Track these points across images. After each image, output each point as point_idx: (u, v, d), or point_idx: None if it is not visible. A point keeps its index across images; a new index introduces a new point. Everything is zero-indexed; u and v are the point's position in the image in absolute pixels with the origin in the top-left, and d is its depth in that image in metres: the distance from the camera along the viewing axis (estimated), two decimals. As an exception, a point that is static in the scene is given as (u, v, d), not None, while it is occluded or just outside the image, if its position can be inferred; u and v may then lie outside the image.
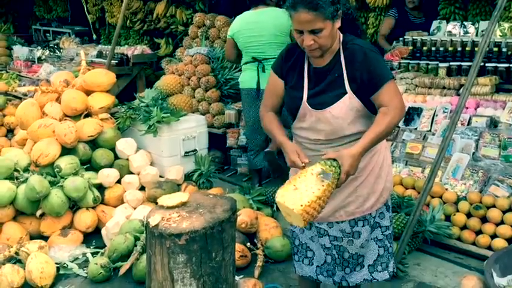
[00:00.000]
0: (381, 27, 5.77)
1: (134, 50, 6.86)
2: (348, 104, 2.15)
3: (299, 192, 1.93)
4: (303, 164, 2.08)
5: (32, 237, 3.65)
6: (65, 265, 3.39)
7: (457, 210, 3.51)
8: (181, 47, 6.45)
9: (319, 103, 2.19)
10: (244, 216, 3.52)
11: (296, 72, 2.27)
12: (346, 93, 2.15)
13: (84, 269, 3.36)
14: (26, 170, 3.86)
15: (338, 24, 2.14)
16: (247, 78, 4.29)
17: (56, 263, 3.33)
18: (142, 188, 4.06)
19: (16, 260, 3.37)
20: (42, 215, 3.71)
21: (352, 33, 2.26)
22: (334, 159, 2.00)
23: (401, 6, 5.63)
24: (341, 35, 2.23)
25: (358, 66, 2.14)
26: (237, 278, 3.01)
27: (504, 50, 4.25)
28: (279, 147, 2.27)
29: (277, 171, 4.08)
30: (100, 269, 3.20)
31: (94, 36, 8.86)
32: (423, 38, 4.81)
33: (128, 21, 8.43)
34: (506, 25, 4.57)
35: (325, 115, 2.17)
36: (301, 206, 1.89)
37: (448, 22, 5.01)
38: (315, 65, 2.24)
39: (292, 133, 2.39)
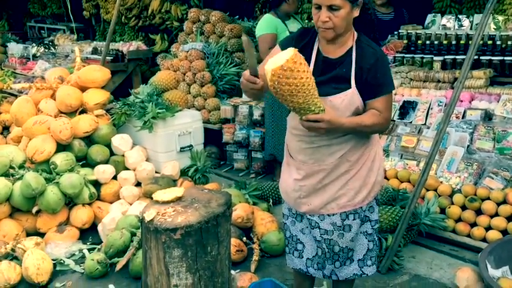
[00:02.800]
0: None
1: (129, 46, 6.85)
2: (350, 98, 2.17)
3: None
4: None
5: (28, 234, 3.65)
6: (62, 261, 3.40)
7: (452, 203, 3.53)
8: (177, 43, 6.44)
9: (321, 92, 2.19)
10: (240, 211, 3.53)
11: (304, 57, 2.26)
12: (351, 87, 2.18)
13: (81, 265, 3.37)
14: (21, 167, 3.86)
15: (356, 13, 2.17)
16: None
17: (53, 260, 3.34)
18: (138, 184, 4.07)
19: (12, 256, 3.37)
20: (38, 211, 3.71)
21: (366, 33, 2.27)
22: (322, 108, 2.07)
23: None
24: (355, 33, 2.23)
25: (367, 68, 2.16)
26: (233, 272, 3.02)
27: (498, 42, 4.26)
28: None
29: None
30: (97, 264, 3.20)
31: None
32: (418, 31, 4.82)
33: (123, 18, 8.41)
34: (500, 18, 4.57)
35: (325, 102, 2.17)
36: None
37: (442, 16, 5.01)
38: (325, 54, 2.23)
39: (287, 126, 2.39)
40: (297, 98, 1.97)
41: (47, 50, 7.97)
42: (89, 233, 3.76)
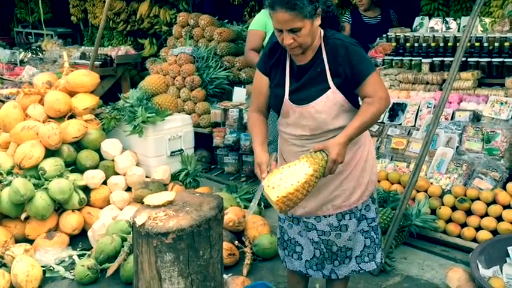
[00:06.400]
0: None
1: (118, 50, 6.82)
2: (332, 98, 2.17)
3: (283, 182, 1.98)
4: (262, 177, 2.11)
5: (17, 241, 3.60)
6: (51, 268, 3.36)
7: (442, 204, 3.55)
8: (166, 47, 6.43)
9: (302, 99, 2.20)
10: (232, 215, 3.52)
11: (279, 70, 2.29)
12: (330, 88, 2.17)
13: (71, 271, 3.33)
14: (9, 173, 3.81)
15: (318, 22, 2.15)
16: None
17: (42, 266, 3.30)
18: (128, 189, 4.04)
19: (1, 264, 3.33)
20: (27, 218, 3.66)
21: (333, 29, 2.28)
22: (322, 150, 2.05)
23: (355, 9, 5.53)
24: (322, 31, 2.24)
25: (340, 60, 2.16)
26: (225, 276, 3.01)
27: (485, 44, 4.30)
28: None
29: None
30: (87, 270, 3.17)
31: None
32: (406, 34, 4.85)
33: (111, 22, 8.38)
34: (487, 20, 4.63)
35: (309, 110, 2.19)
36: (277, 197, 1.95)
37: (430, 18, 5.06)
38: (298, 62, 2.25)
39: (278, 130, 2.40)
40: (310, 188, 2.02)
41: (34, 55, 7.90)
42: (79, 239, 3.72)
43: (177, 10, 7.49)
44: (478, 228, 3.36)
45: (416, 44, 4.72)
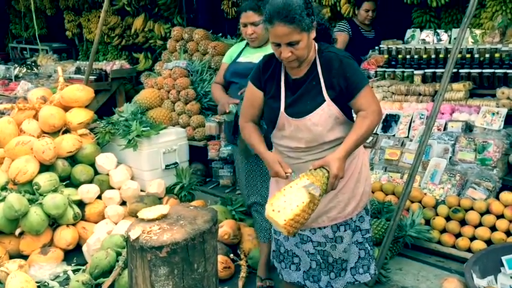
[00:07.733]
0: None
1: (113, 65, 6.84)
2: (327, 111, 2.20)
3: (287, 204, 1.95)
4: (287, 174, 2.11)
5: (11, 257, 3.59)
6: (46, 284, 3.34)
7: (436, 214, 3.56)
8: (160, 61, 6.45)
9: (298, 112, 2.23)
10: (227, 228, 3.52)
11: (274, 83, 2.32)
12: (325, 100, 2.20)
13: (66, 287, 3.31)
14: (4, 188, 3.80)
15: (313, 34, 2.20)
16: None
17: (37, 282, 3.28)
18: (123, 203, 4.04)
19: (-5, 280, 3.31)
20: (22, 233, 3.65)
21: (325, 42, 2.32)
22: (321, 167, 2.05)
23: (351, 20, 5.42)
24: (316, 44, 2.28)
25: (334, 73, 2.19)
26: (220, 289, 3.00)
27: (476, 56, 4.35)
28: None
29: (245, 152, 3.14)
30: (81, 286, 3.15)
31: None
32: (398, 46, 4.90)
33: (106, 37, 8.42)
34: (477, 32, 4.68)
35: (305, 123, 2.21)
36: (285, 220, 1.92)
37: (421, 30, 5.11)
38: (293, 75, 2.28)
39: (272, 143, 2.42)
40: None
41: (29, 71, 7.91)
42: (74, 254, 3.70)
43: (172, 24, 7.53)
44: (472, 238, 3.38)
45: (408, 56, 4.77)
